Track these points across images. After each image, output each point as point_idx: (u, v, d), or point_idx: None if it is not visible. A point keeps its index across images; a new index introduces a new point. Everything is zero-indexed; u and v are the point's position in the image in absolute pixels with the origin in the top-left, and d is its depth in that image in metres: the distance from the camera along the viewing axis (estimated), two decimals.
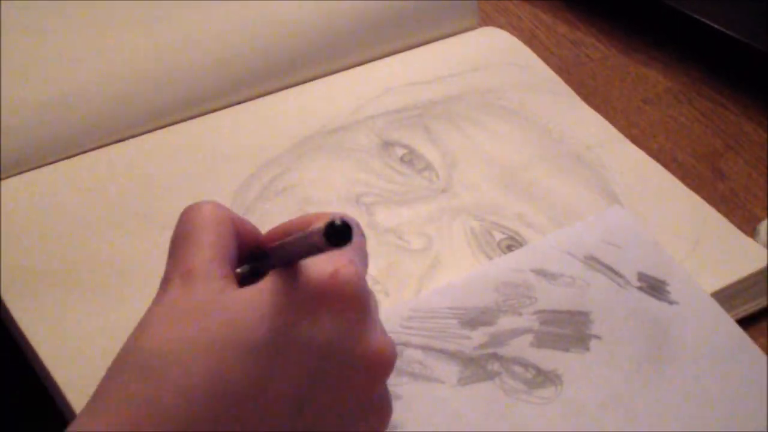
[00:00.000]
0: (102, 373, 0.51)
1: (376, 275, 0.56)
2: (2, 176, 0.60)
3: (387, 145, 0.63)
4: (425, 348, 0.52)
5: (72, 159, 0.62)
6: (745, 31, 0.71)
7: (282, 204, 0.59)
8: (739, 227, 0.60)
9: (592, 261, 0.56)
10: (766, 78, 0.71)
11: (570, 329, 0.53)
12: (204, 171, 0.61)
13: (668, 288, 0.55)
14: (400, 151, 0.63)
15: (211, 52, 0.65)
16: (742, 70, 0.72)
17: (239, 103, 0.65)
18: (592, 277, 0.55)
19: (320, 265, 0.41)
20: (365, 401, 0.43)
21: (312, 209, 0.59)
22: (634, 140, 0.66)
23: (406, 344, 0.52)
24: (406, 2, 0.70)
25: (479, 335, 0.52)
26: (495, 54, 0.70)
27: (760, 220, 0.63)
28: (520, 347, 0.52)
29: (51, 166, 0.61)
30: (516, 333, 0.53)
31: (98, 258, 0.56)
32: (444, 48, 0.70)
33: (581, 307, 0.54)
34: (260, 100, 0.66)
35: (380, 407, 0.44)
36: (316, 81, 0.67)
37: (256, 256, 0.45)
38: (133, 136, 0.63)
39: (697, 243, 0.59)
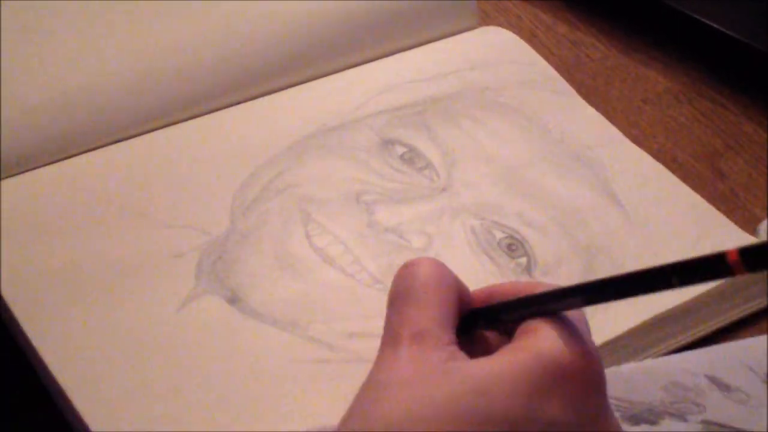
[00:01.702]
0: (102, 371, 0.51)
1: (376, 274, 0.56)
2: (2, 176, 0.60)
3: (387, 143, 0.63)
4: None
5: (72, 159, 0.62)
6: (745, 31, 0.71)
7: (282, 203, 0.59)
8: (740, 227, 0.61)
9: None
10: (766, 78, 0.71)
11: None
12: (204, 171, 0.61)
13: None
14: (400, 150, 0.63)
15: (211, 52, 0.65)
16: (742, 70, 0.72)
17: (239, 103, 0.66)
18: None
19: (565, 342, 0.40)
20: None
21: (312, 208, 0.59)
22: (634, 140, 0.66)
23: None
24: (405, 2, 0.70)
25: None
26: (496, 52, 0.70)
27: (760, 220, 0.63)
28: None
29: (51, 166, 0.61)
30: None
31: (99, 258, 0.56)
32: (444, 46, 0.70)
33: (750, 427, 0.50)
34: (260, 100, 0.66)
35: None
36: (316, 81, 0.67)
37: (467, 317, 0.44)
38: (133, 136, 0.63)
39: (698, 242, 0.59)
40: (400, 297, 0.43)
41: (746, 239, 0.60)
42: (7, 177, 0.60)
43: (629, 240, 0.59)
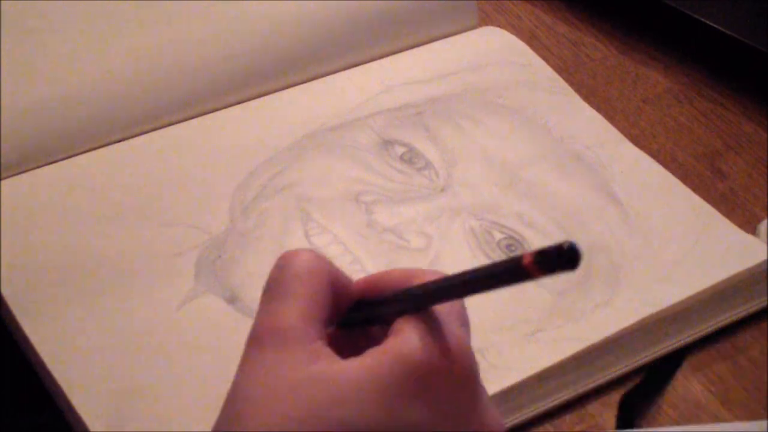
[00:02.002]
0: (102, 371, 0.51)
1: None
2: (2, 176, 0.60)
3: (387, 143, 0.63)
4: None
5: (72, 159, 0.62)
6: (745, 31, 0.71)
7: (281, 203, 0.59)
8: (740, 227, 0.60)
9: None
10: (766, 78, 0.71)
11: None
12: (204, 170, 0.61)
13: None
14: (399, 150, 0.63)
15: (211, 52, 0.65)
16: (742, 70, 0.72)
17: (239, 102, 0.65)
18: None
19: (428, 340, 0.39)
20: None
21: (311, 207, 0.59)
22: (634, 140, 0.66)
23: None
24: (405, 2, 0.70)
25: None
26: (495, 52, 0.70)
27: (760, 219, 0.63)
28: None
29: (51, 166, 0.61)
30: None
31: (99, 257, 0.56)
32: (444, 46, 0.70)
33: None
34: (260, 99, 0.66)
35: None
36: (316, 81, 0.67)
37: (351, 309, 0.43)
38: (133, 136, 0.63)
39: (697, 241, 0.59)
40: (267, 290, 0.41)
41: (746, 239, 0.60)
42: (7, 177, 0.60)
43: (629, 240, 0.59)
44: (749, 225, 0.62)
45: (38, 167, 0.61)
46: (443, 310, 0.40)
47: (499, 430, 0.40)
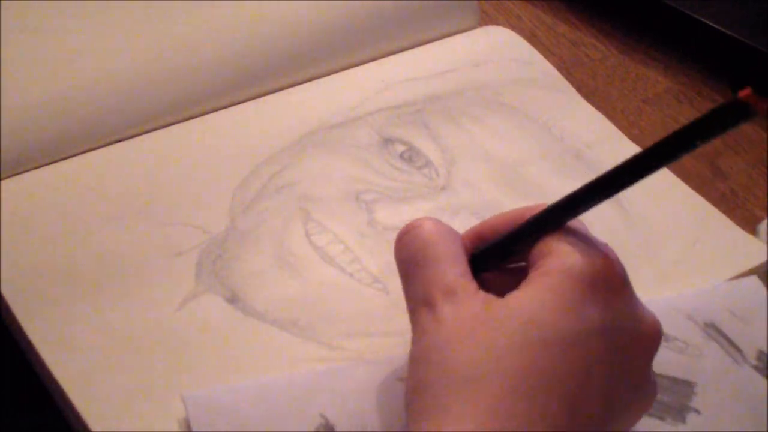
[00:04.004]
0: (102, 371, 0.51)
1: (376, 273, 0.56)
2: (2, 176, 0.60)
3: (387, 141, 0.63)
4: None
5: (72, 159, 0.62)
6: (745, 31, 0.71)
7: (281, 202, 0.59)
8: (740, 227, 0.60)
9: (712, 329, 0.53)
10: (766, 78, 0.71)
11: (670, 397, 0.50)
12: (204, 170, 0.61)
13: None
14: (400, 148, 0.63)
15: (211, 52, 0.65)
16: (742, 70, 0.72)
17: (239, 102, 0.66)
18: (706, 346, 0.52)
19: (582, 253, 0.43)
20: (644, 378, 0.44)
21: (311, 206, 0.59)
22: (634, 140, 0.66)
23: None
24: (405, 2, 0.70)
25: None
26: (496, 50, 0.70)
27: (760, 220, 0.63)
28: None
29: (51, 166, 0.61)
30: None
31: (99, 257, 0.56)
32: (445, 45, 0.70)
33: (688, 376, 0.51)
34: (260, 99, 0.66)
35: (653, 383, 0.45)
36: (316, 80, 0.67)
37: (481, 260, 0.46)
38: (133, 136, 0.63)
39: (697, 240, 0.59)
40: (413, 261, 0.45)
41: (746, 239, 0.60)
42: (7, 177, 0.60)
43: (629, 239, 0.59)
44: (749, 225, 0.62)
45: (38, 167, 0.61)
46: (575, 226, 0.45)
47: (657, 323, 0.44)
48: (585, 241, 0.44)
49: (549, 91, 0.68)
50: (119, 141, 0.63)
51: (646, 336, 0.44)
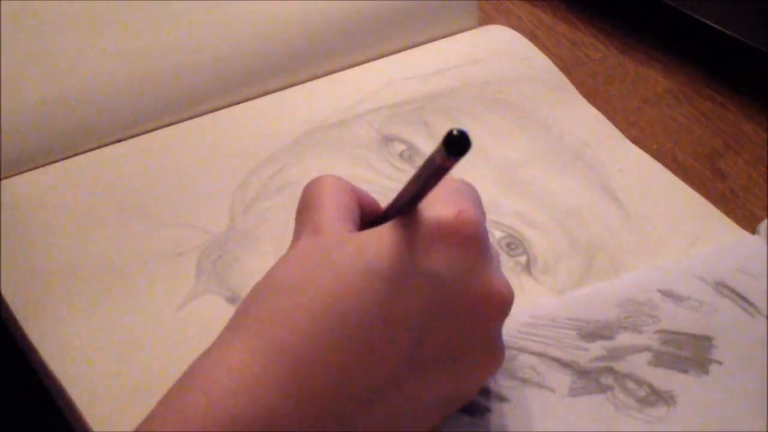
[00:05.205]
0: (102, 371, 0.51)
1: None
2: (2, 176, 0.60)
3: (387, 140, 0.63)
4: (541, 355, 0.52)
5: (72, 159, 0.62)
6: (745, 31, 0.70)
7: (282, 201, 0.59)
8: (740, 227, 0.60)
9: (723, 287, 0.55)
10: (766, 78, 0.71)
11: (691, 352, 0.52)
12: (204, 170, 0.61)
13: None
14: (399, 147, 0.63)
15: (211, 52, 0.65)
16: (742, 70, 0.72)
17: (239, 102, 0.66)
18: (720, 303, 0.54)
19: (443, 207, 0.44)
20: (480, 340, 0.45)
21: None
22: (634, 140, 0.66)
23: (521, 349, 0.52)
24: (405, 2, 0.70)
25: (596, 348, 0.52)
26: (496, 48, 0.70)
27: (759, 220, 0.62)
28: (637, 364, 0.51)
29: (51, 166, 0.61)
30: (634, 349, 0.52)
31: (99, 257, 0.56)
32: (445, 43, 0.70)
33: (705, 332, 0.53)
34: (260, 99, 0.66)
35: (493, 349, 0.46)
36: (316, 80, 0.67)
37: (377, 224, 0.47)
38: (133, 136, 0.63)
39: (697, 240, 0.59)
40: (301, 208, 0.47)
41: (745, 235, 0.60)
42: (7, 177, 0.60)
43: (628, 238, 0.59)
44: (749, 225, 0.62)
45: (38, 167, 0.61)
46: (457, 186, 0.46)
47: (506, 290, 0.45)
48: (447, 196, 0.45)
49: (549, 89, 0.68)
50: (119, 141, 0.63)
51: (489, 300, 0.44)
